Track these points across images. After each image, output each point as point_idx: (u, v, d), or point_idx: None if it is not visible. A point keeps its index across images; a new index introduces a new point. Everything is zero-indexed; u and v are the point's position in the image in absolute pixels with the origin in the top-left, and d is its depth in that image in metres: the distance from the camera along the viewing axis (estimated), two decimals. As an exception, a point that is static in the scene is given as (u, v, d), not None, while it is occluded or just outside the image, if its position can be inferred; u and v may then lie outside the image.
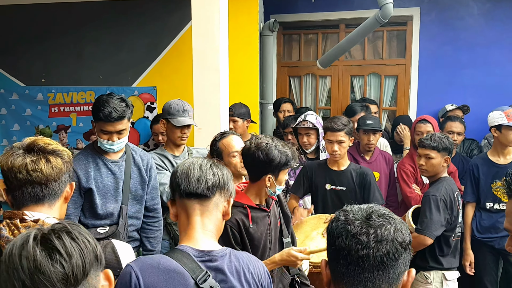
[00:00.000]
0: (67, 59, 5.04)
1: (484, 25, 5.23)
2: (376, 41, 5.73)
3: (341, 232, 1.23)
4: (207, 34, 3.56)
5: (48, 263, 1.06)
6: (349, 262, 1.20)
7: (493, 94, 5.17)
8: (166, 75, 4.85)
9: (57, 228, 1.12)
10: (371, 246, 1.18)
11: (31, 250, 1.07)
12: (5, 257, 1.08)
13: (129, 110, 2.89)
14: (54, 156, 1.69)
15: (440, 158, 3.35)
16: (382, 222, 1.21)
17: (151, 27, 4.87)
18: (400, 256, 1.20)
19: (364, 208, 1.27)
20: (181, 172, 1.67)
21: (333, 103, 5.85)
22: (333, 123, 3.55)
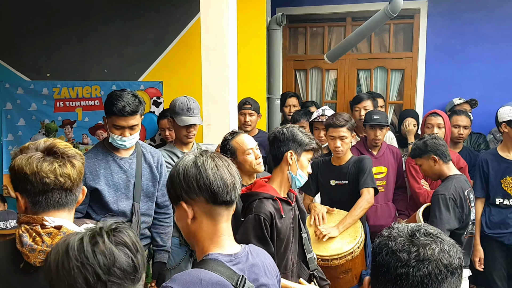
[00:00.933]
0: (72, 53, 5.00)
1: (492, 18, 5.19)
2: (382, 34, 5.69)
3: (383, 248, 1.19)
4: (216, 28, 3.53)
5: (122, 257, 1.17)
6: (387, 279, 1.16)
7: (500, 88, 5.15)
8: (172, 70, 4.81)
9: (116, 226, 1.22)
10: (411, 265, 1.13)
11: (107, 246, 1.16)
12: (73, 253, 1.15)
13: (142, 106, 2.89)
14: (77, 160, 1.66)
15: (426, 162, 3.42)
16: (427, 241, 1.16)
17: (157, 21, 4.82)
18: (445, 279, 1.13)
19: (411, 226, 1.22)
20: (215, 177, 1.55)
21: (339, 97, 5.82)
22: (335, 119, 3.58)
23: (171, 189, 1.60)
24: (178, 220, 1.64)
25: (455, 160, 4.08)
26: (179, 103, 3.46)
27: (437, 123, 4.14)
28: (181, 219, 1.60)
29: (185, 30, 4.76)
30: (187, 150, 3.52)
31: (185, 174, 1.56)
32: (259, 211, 2.34)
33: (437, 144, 3.39)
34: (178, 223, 1.64)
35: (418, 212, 3.33)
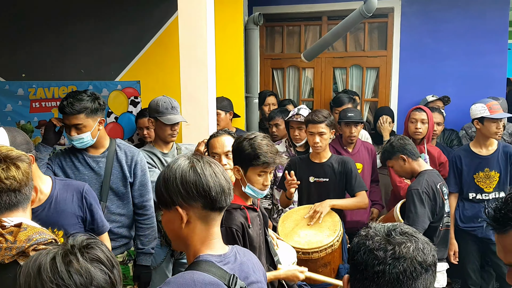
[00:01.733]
0: (48, 53, 4.93)
1: (464, 16, 5.31)
2: (357, 33, 5.78)
3: (360, 247, 1.23)
4: (194, 28, 3.53)
5: (99, 275, 1.12)
6: (365, 277, 1.20)
7: (473, 85, 5.28)
8: (150, 69, 4.80)
9: (89, 242, 1.17)
10: (387, 263, 1.17)
11: (82, 265, 1.11)
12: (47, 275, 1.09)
13: (91, 107, 2.87)
14: (21, 161, 1.70)
15: (396, 162, 3.54)
16: (403, 240, 1.20)
17: (134, 20, 4.79)
18: (419, 276, 1.18)
19: (387, 225, 1.26)
20: (214, 184, 1.55)
21: (316, 95, 5.89)
22: (314, 115, 3.63)
23: (165, 193, 1.55)
24: (166, 224, 1.61)
25: (436, 155, 4.21)
26: (162, 103, 3.44)
27: (421, 119, 4.23)
28: (171, 223, 1.58)
29: (163, 29, 4.75)
30: (167, 151, 3.53)
31: (183, 179, 1.53)
32: (230, 223, 2.32)
33: (404, 144, 3.50)
34: (166, 226, 1.62)
35: (395, 208, 3.42)
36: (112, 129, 4.90)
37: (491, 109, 3.89)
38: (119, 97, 4.89)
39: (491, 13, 5.25)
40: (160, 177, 1.59)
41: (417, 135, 4.16)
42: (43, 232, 1.65)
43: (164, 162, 3.45)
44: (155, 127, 3.51)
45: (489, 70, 5.28)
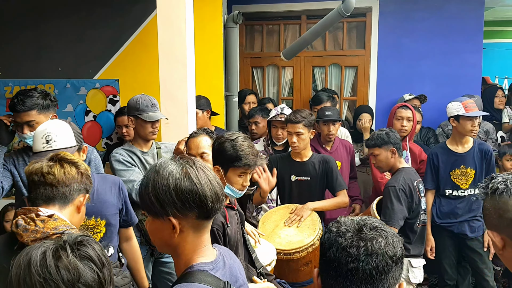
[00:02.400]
0: (25, 51, 4.86)
1: (440, 16, 5.39)
2: (336, 32, 5.82)
3: (332, 243, 1.24)
4: (173, 26, 3.52)
5: (87, 272, 1.12)
6: (338, 274, 1.21)
7: (449, 84, 5.37)
8: (128, 68, 4.77)
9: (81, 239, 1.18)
10: (360, 259, 1.18)
11: (71, 261, 1.11)
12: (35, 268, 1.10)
13: (43, 103, 2.87)
14: (70, 164, 1.83)
15: (385, 152, 3.54)
16: (374, 235, 1.22)
17: (112, 18, 4.75)
18: (390, 270, 1.20)
19: (357, 220, 1.27)
20: (211, 193, 1.46)
21: (296, 94, 5.92)
22: (293, 115, 3.65)
23: (156, 203, 1.43)
24: (154, 232, 1.50)
25: (417, 152, 4.30)
26: (142, 100, 3.40)
27: (407, 116, 4.27)
28: (160, 232, 1.48)
29: (141, 27, 4.72)
30: (147, 149, 3.50)
31: (178, 189, 1.42)
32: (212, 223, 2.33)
33: (397, 138, 3.55)
34: (154, 234, 1.51)
35: (372, 205, 3.46)
36: (90, 128, 4.86)
37: (467, 108, 3.96)
38: (97, 96, 4.85)
39: (466, 13, 5.34)
40: (148, 184, 1.46)
41: (403, 132, 4.21)
42: (71, 227, 1.72)
43: (143, 160, 3.43)
44: (135, 125, 3.44)
45: (465, 69, 5.37)
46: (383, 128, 3.71)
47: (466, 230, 4.10)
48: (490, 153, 4.08)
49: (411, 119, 4.27)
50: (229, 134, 2.50)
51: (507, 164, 4.58)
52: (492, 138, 5.08)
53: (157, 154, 3.49)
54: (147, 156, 3.45)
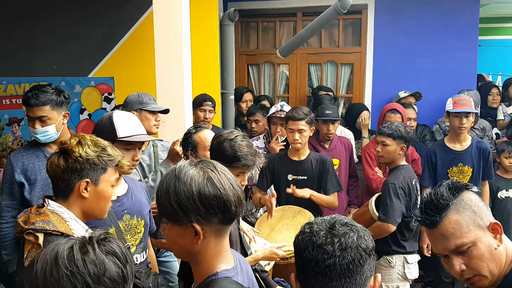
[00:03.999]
0: (19, 49, 4.82)
1: (435, 13, 5.40)
2: (332, 30, 5.81)
3: (307, 244, 1.27)
4: (170, 24, 3.50)
5: (112, 267, 1.17)
6: (317, 272, 1.24)
7: (444, 81, 5.38)
8: (124, 65, 4.74)
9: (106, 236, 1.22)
10: (336, 255, 1.22)
11: (98, 255, 1.16)
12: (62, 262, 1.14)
13: (57, 100, 2.86)
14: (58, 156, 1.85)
15: (396, 146, 3.47)
16: (346, 231, 1.26)
17: (107, 15, 4.73)
18: (365, 262, 1.25)
19: (327, 219, 1.31)
20: (234, 198, 1.42)
21: (291, 91, 5.91)
22: (294, 112, 3.62)
23: (179, 210, 1.37)
24: (174, 240, 1.44)
25: (409, 152, 4.26)
26: (144, 95, 3.39)
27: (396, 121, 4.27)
28: (181, 239, 1.42)
29: (137, 24, 4.70)
30: (144, 147, 3.47)
31: (202, 195, 1.36)
32: None
33: (411, 138, 3.54)
34: (174, 241, 1.45)
35: (371, 201, 3.45)
36: (85, 126, 4.83)
37: (456, 104, 3.95)
38: (92, 94, 4.82)
39: (461, 10, 5.35)
40: (169, 190, 1.39)
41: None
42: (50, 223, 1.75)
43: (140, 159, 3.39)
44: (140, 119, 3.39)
45: (460, 66, 5.39)
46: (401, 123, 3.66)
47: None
48: (488, 151, 4.08)
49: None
50: (227, 132, 2.48)
51: (505, 161, 4.58)
52: (488, 136, 5.09)
53: (153, 153, 3.46)
54: (144, 155, 3.42)
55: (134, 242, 2.39)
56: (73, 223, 1.81)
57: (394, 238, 3.46)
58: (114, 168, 1.91)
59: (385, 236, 3.36)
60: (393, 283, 3.51)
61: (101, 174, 1.86)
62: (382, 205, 3.38)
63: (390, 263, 3.49)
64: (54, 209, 1.82)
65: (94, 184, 1.85)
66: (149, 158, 3.43)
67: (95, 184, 1.86)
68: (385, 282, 3.52)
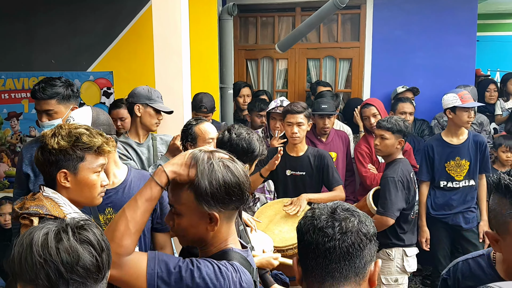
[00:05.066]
0: (18, 43, 4.83)
1: (433, 9, 5.39)
2: (331, 25, 5.81)
3: (309, 227, 1.30)
4: (168, 19, 3.51)
5: (86, 256, 1.15)
6: (317, 255, 1.27)
7: (442, 76, 5.38)
8: (123, 60, 4.74)
9: (83, 223, 1.21)
10: (336, 238, 1.25)
11: (72, 244, 1.15)
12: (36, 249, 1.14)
13: (64, 93, 2.84)
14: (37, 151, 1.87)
15: (394, 140, 3.49)
16: (347, 215, 1.29)
17: (106, 10, 4.72)
18: (365, 246, 1.27)
19: (329, 205, 1.34)
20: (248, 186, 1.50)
21: (290, 86, 5.92)
22: (293, 105, 3.64)
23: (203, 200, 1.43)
24: (188, 228, 1.50)
25: None
26: (153, 91, 3.37)
27: (372, 113, 4.30)
28: (195, 228, 1.49)
29: (136, 19, 4.69)
30: (143, 141, 3.47)
31: (226, 184, 1.43)
32: None
33: (409, 133, 3.55)
34: (187, 231, 1.51)
35: (368, 195, 3.47)
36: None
37: (463, 99, 3.97)
38: (91, 88, 4.83)
39: (460, 6, 5.35)
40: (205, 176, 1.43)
41: (374, 128, 4.21)
42: (43, 207, 1.78)
43: (139, 152, 3.40)
44: (141, 114, 3.37)
45: (459, 61, 5.39)
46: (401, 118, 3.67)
47: (460, 221, 4.13)
48: (485, 144, 4.10)
49: (376, 114, 4.29)
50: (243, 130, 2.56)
51: (502, 155, 4.60)
52: (486, 130, 5.11)
53: (152, 146, 3.47)
54: (143, 148, 3.43)
55: None
56: (67, 207, 1.83)
57: (393, 231, 3.49)
58: (95, 154, 1.91)
59: (383, 229, 3.39)
60: (392, 276, 3.53)
61: (78, 162, 1.87)
62: (381, 198, 3.40)
63: (389, 256, 3.52)
64: (49, 194, 1.86)
65: (73, 173, 1.87)
66: (148, 151, 3.44)
67: (74, 174, 1.88)
68: (384, 274, 3.54)
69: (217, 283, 1.39)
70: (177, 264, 1.41)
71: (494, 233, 1.50)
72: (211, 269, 1.41)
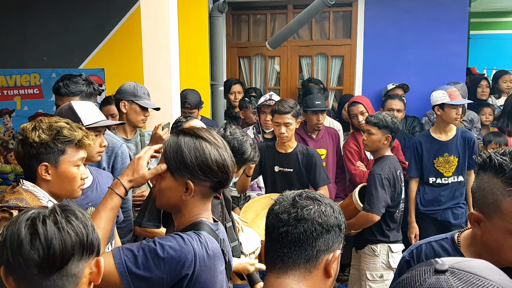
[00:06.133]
0: (10, 40, 4.85)
1: (425, 6, 5.41)
2: (323, 22, 5.83)
3: (270, 212, 1.36)
4: (157, 15, 3.53)
5: (27, 247, 1.13)
6: (272, 238, 1.32)
7: (433, 73, 5.39)
8: (114, 57, 4.76)
9: (46, 213, 1.19)
10: (290, 224, 1.28)
11: (21, 231, 1.15)
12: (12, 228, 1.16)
13: (87, 91, 2.91)
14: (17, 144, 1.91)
15: (381, 135, 3.49)
16: (307, 204, 1.31)
17: (97, 7, 4.75)
18: (320, 236, 1.28)
19: (297, 193, 1.36)
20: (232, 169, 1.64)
21: (282, 83, 5.94)
22: (280, 105, 3.63)
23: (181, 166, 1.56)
24: (164, 192, 1.61)
25: None
26: (139, 88, 3.39)
27: (359, 111, 4.28)
28: (170, 192, 1.59)
29: (127, 16, 4.72)
30: (130, 137, 3.50)
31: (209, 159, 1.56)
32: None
33: (398, 129, 3.53)
34: (163, 194, 1.62)
35: (354, 192, 3.48)
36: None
37: (451, 96, 3.99)
38: (83, 85, 4.84)
39: (451, 3, 5.36)
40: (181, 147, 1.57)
41: (362, 126, 4.22)
42: (23, 200, 1.82)
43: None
44: (127, 110, 3.39)
45: (450, 59, 5.40)
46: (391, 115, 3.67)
47: (449, 217, 4.15)
48: (473, 140, 4.12)
49: (364, 111, 4.26)
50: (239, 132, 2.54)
51: (491, 152, 4.61)
52: (476, 127, 5.13)
53: (140, 142, 3.49)
54: (130, 144, 3.45)
55: None
56: (46, 200, 1.87)
57: (379, 227, 3.49)
58: (75, 148, 1.94)
59: (369, 226, 3.40)
60: (377, 272, 3.55)
61: (59, 156, 1.90)
62: (367, 195, 3.41)
63: (374, 252, 3.53)
64: (28, 188, 1.89)
65: (54, 166, 1.90)
66: (136, 147, 3.46)
67: (55, 167, 1.90)
68: (369, 270, 3.56)
69: (181, 253, 1.47)
70: (140, 247, 1.48)
71: (478, 214, 1.48)
72: (174, 242, 1.48)
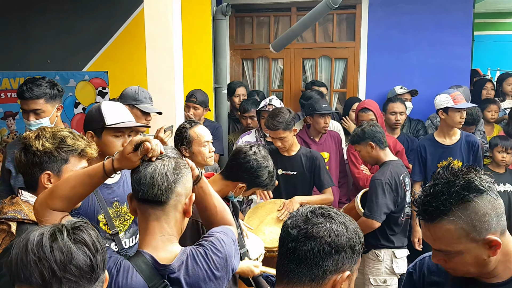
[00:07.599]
0: (14, 43, 4.86)
1: (429, 9, 5.39)
2: (326, 24, 5.82)
3: (284, 225, 1.34)
4: (160, 18, 3.51)
5: (80, 255, 1.17)
6: (281, 252, 1.31)
7: (437, 76, 5.37)
8: (118, 59, 4.76)
9: (79, 224, 1.23)
10: (299, 240, 1.26)
11: (66, 243, 1.16)
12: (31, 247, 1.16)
13: (51, 93, 2.91)
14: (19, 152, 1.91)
15: (364, 148, 3.53)
16: (319, 222, 1.28)
17: (101, 10, 4.75)
18: (328, 255, 1.25)
19: (312, 207, 1.34)
20: (135, 176, 1.58)
21: (286, 86, 5.93)
22: (270, 122, 3.64)
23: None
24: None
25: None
26: (141, 92, 3.41)
27: (369, 119, 4.29)
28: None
29: (130, 19, 4.72)
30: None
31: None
32: (197, 216, 2.22)
33: (374, 131, 3.53)
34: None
35: (357, 197, 3.47)
36: (79, 120, 4.86)
37: (455, 99, 3.98)
38: (86, 88, 4.85)
39: (455, 5, 5.34)
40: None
41: None
42: (21, 212, 1.82)
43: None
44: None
45: (454, 61, 5.38)
46: (363, 122, 3.71)
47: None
48: (477, 144, 4.10)
49: (374, 119, 4.28)
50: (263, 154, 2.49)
51: (498, 155, 4.56)
52: (480, 130, 5.10)
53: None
54: (134, 148, 3.44)
55: (122, 228, 2.45)
56: None
57: (383, 232, 3.48)
58: (78, 157, 1.95)
59: (370, 231, 3.39)
60: (381, 277, 3.53)
61: (62, 165, 1.91)
62: (368, 201, 3.40)
63: (378, 257, 3.51)
64: (27, 199, 1.89)
65: (57, 175, 1.90)
66: (137, 151, 3.45)
67: (58, 175, 1.90)
68: (372, 275, 3.54)
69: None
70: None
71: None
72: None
